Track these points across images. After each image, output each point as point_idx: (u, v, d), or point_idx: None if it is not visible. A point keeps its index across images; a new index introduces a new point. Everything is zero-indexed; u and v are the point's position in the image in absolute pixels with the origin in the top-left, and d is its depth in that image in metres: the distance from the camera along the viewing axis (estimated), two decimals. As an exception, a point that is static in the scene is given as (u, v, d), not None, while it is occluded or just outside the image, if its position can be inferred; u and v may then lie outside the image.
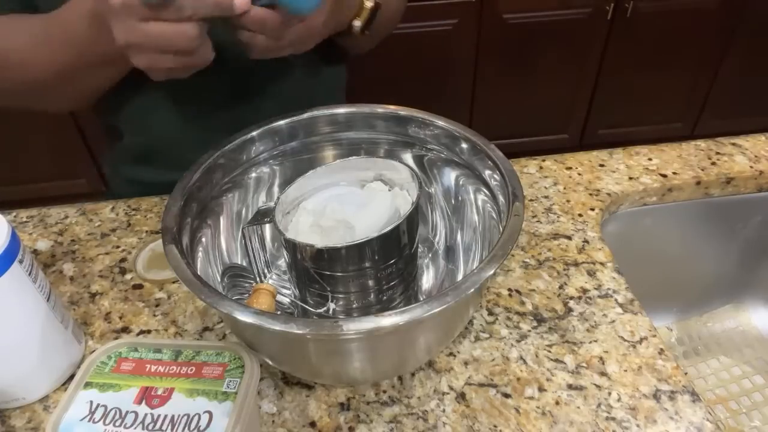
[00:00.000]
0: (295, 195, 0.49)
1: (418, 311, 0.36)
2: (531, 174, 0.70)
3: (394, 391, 0.48)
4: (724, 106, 2.04)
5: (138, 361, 0.41)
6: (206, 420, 0.37)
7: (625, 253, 0.64)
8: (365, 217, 0.45)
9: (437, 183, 0.56)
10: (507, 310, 0.54)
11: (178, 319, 0.54)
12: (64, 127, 1.76)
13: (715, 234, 0.73)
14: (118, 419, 0.37)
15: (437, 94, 1.88)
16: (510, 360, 0.50)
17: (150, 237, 0.64)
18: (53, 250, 0.63)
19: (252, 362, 0.40)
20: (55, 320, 0.47)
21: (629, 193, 0.67)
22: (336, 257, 0.44)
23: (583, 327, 0.52)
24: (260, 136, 0.53)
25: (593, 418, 0.45)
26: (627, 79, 1.92)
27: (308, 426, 0.45)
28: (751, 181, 0.69)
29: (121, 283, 0.58)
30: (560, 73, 1.89)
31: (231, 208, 0.53)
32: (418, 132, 0.54)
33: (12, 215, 0.67)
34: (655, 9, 1.76)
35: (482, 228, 0.52)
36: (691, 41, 1.86)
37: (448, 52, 1.79)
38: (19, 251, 0.43)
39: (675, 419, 0.45)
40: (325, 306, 0.48)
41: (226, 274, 0.51)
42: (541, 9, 1.74)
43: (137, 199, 0.69)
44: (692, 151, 0.73)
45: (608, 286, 0.56)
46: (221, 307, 0.37)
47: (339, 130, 0.56)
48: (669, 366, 0.49)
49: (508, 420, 0.45)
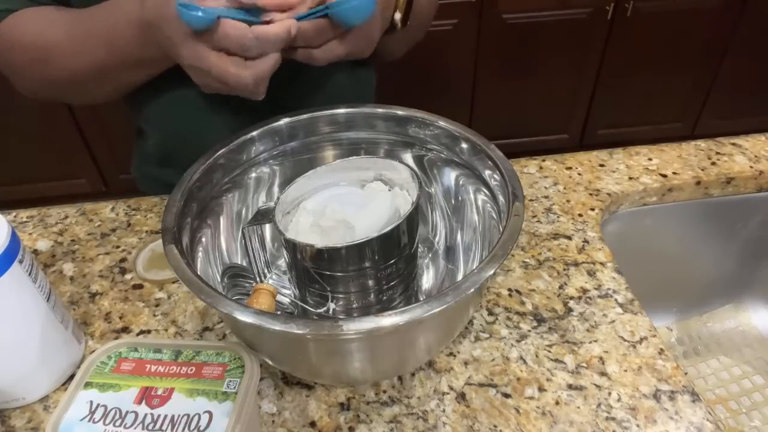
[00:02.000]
0: (295, 195, 0.49)
1: (418, 311, 0.36)
2: (531, 174, 0.70)
3: (394, 391, 0.48)
4: (724, 106, 2.04)
5: (138, 361, 0.41)
6: (206, 420, 0.37)
7: (625, 253, 0.64)
8: (365, 217, 0.45)
9: (437, 183, 0.56)
10: (507, 310, 0.54)
11: (178, 319, 0.54)
12: (64, 127, 1.76)
13: (715, 234, 0.73)
14: (118, 419, 0.37)
15: (437, 94, 1.88)
16: (510, 360, 0.50)
17: (150, 237, 0.64)
18: (53, 250, 0.63)
19: (252, 362, 0.40)
20: (55, 320, 0.47)
21: (629, 193, 0.67)
22: (336, 257, 0.44)
23: (583, 327, 0.52)
24: (260, 136, 0.53)
25: (593, 418, 0.45)
26: (627, 79, 1.92)
27: (308, 426, 0.45)
28: (751, 181, 0.69)
29: (121, 283, 0.58)
30: (560, 73, 1.89)
31: (231, 208, 0.53)
32: (418, 132, 0.54)
33: (12, 215, 0.67)
34: (655, 9, 1.76)
35: (482, 228, 0.52)
36: (691, 41, 1.85)
37: (448, 52, 1.79)
38: (19, 251, 0.43)
39: (675, 419, 0.45)
40: (325, 306, 0.48)
41: (226, 274, 0.51)
42: (541, 9, 1.74)
43: (137, 199, 0.69)
44: (692, 151, 0.73)
45: (608, 286, 0.56)
46: (221, 307, 0.37)
47: (339, 130, 0.56)
48: (669, 366, 0.49)
49: (508, 420, 0.45)
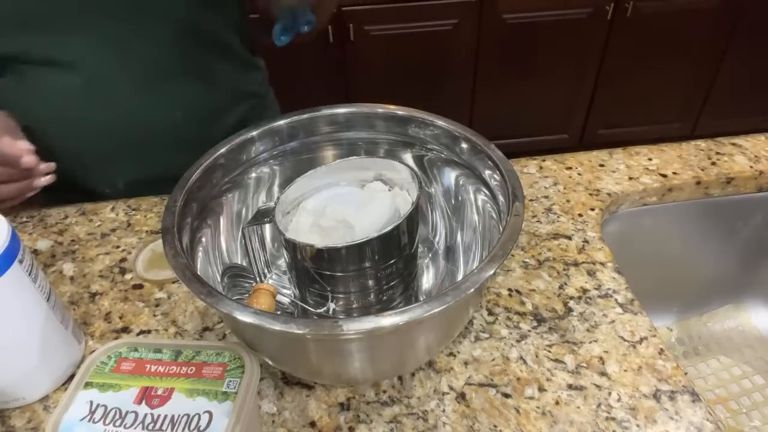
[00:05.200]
0: (295, 195, 0.49)
1: (418, 311, 0.36)
2: (531, 174, 0.70)
3: (394, 391, 0.48)
4: (724, 106, 2.04)
5: (138, 361, 0.41)
6: (206, 420, 0.37)
7: (625, 253, 0.64)
8: (365, 217, 0.45)
9: (437, 183, 0.56)
10: (507, 310, 0.54)
11: (178, 319, 0.54)
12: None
13: (715, 234, 0.73)
14: (118, 419, 0.37)
15: (437, 94, 1.88)
16: (510, 360, 0.50)
17: (150, 237, 0.64)
18: (53, 250, 0.63)
19: (252, 362, 0.40)
20: (55, 320, 0.47)
21: (629, 193, 0.67)
22: (336, 257, 0.44)
23: (583, 327, 0.52)
24: (260, 136, 0.53)
25: (593, 418, 0.45)
26: (627, 79, 1.92)
27: (308, 426, 0.45)
28: (751, 181, 0.69)
29: (121, 283, 0.58)
30: (560, 73, 1.89)
31: (231, 208, 0.53)
32: (418, 132, 0.54)
33: (12, 215, 0.67)
34: (655, 9, 1.76)
35: (482, 228, 0.52)
36: (691, 41, 1.85)
37: (448, 52, 1.79)
38: (19, 251, 0.43)
39: (675, 419, 0.45)
40: (325, 306, 0.48)
41: (226, 274, 0.51)
42: (541, 9, 1.74)
43: (137, 199, 0.69)
44: (692, 151, 0.73)
45: (608, 286, 0.56)
46: (221, 307, 0.37)
47: (339, 130, 0.56)
48: (669, 366, 0.49)
49: (508, 420, 0.45)
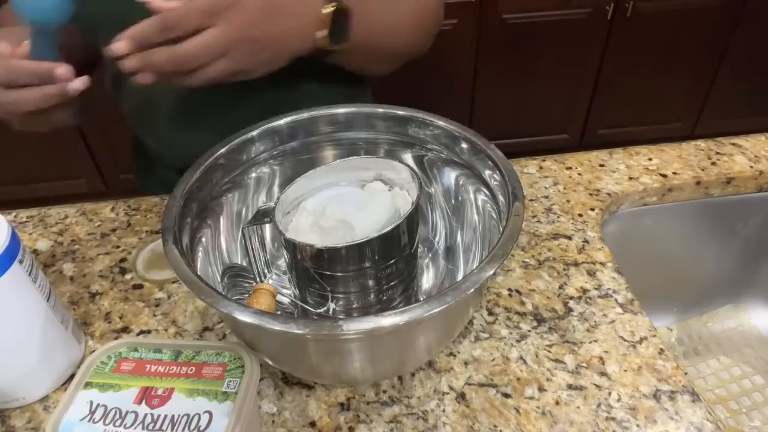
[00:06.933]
0: (295, 195, 0.49)
1: (418, 311, 0.36)
2: (531, 174, 0.70)
3: (394, 391, 0.48)
4: (724, 106, 2.04)
5: (138, 361, 0.41)
6: (206, 420, 0.37)
7: (625, 253, 0.64)
8: (365, 217, 0.45)
9: (437, 183, 0.56)
10: (507, 310, 0.54)
11: (178, 319, 0.54)
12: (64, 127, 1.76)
13: (715, 234, 0.73)
14: (118, 419, 0.37)
15: (437, 94, 1.88)
16: (510, 360, 0.50)
17: (150, 237, 0.64)
18: (53, 250, 0.62)
19: (252, 362, 0.40)
20: (55, 320, 0.47)
21: (629, 193, 0.67)
22: (336, 257, 0.44)
23: (583, 327, 0.52)
24: (260, 136, 0.53)
25: (593, 418, 0.45)
26: (627, 79, 1.91)
27: (308, 426, 0.45)
28: (751, 181, 0.69)
29: (121, 283, 0.58)
30: (560, 73, 1.88)
31: (231, 208, 0.53)
32: (418, 132, 0.54)
33: (12, 215, 0.67)
34: (655, 9, 1.76)
35: (482, 228, 0.52)
36: (691, 41, 1.85)
37: (448, 52, 1.79)
38: (19, 251, 0.43)
39: (675, 419, 0.45)
40: (325, 306, 0.48)
41: (226, 274, 0.51)
42: (541, 9, 1.74)
43: (137, 199, 0.69)
44: (692, 151, 0.72)
45: (608, 286, 0.56)
46: (221, 307, 0.37)
47: (339, 130, 0.56)
48: (669, 366, 0.49)
49: (508, 420, 0.45)
